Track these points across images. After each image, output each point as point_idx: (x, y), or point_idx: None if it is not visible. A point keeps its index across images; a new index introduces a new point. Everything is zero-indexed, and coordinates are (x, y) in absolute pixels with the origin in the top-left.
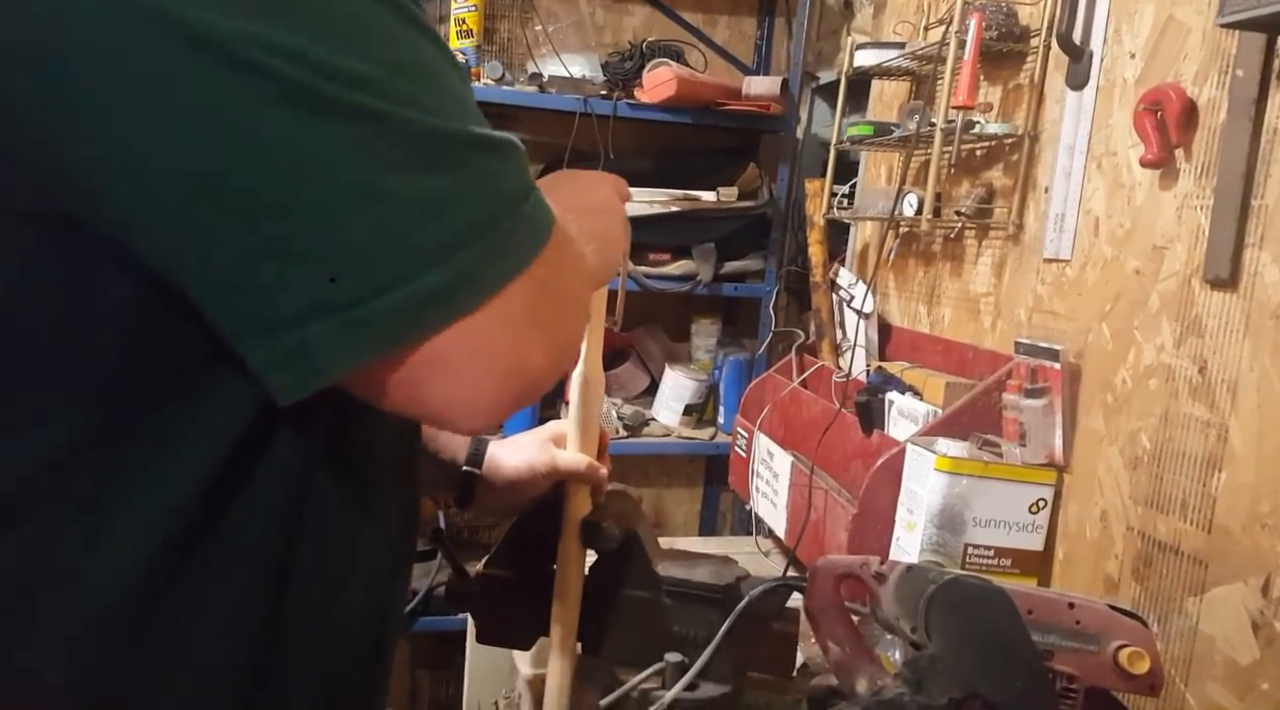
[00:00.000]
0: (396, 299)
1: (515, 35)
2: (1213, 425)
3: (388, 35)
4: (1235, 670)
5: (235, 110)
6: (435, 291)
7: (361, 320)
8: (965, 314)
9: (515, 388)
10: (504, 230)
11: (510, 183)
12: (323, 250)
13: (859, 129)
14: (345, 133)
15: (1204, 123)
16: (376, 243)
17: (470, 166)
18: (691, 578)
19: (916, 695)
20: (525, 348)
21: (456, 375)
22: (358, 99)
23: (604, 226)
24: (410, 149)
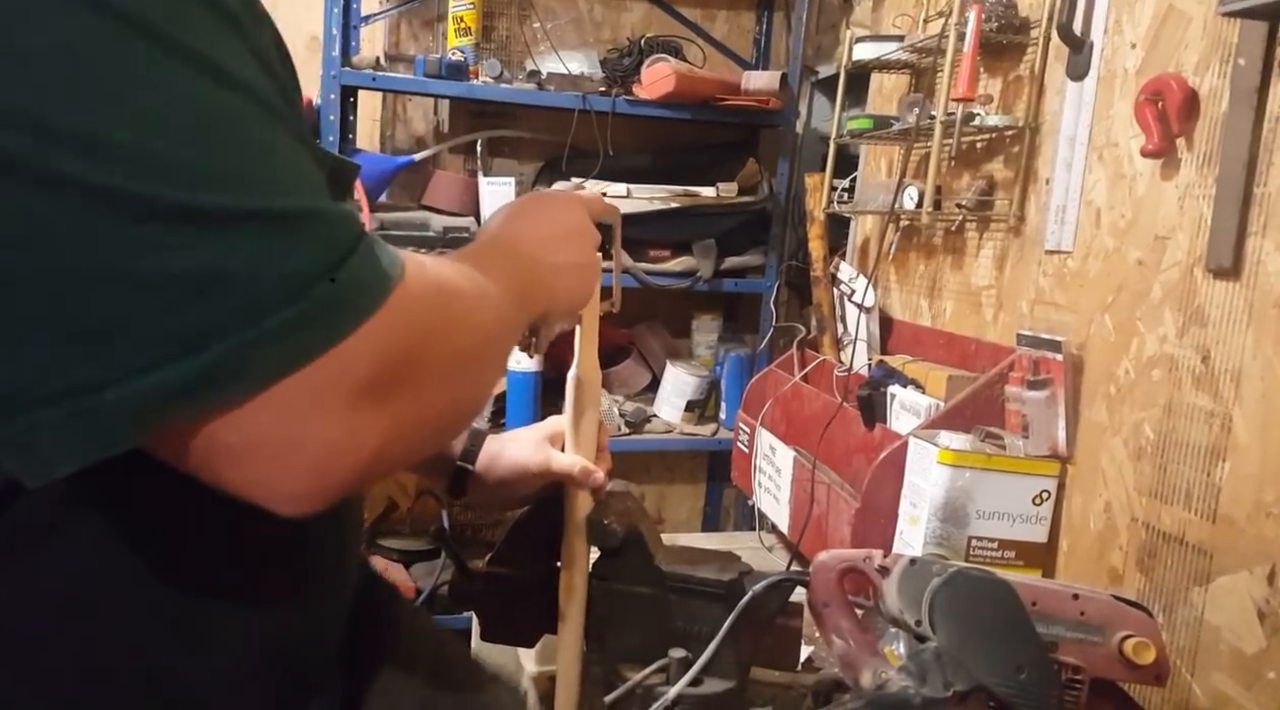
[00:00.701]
0: (137, 389)
1: (513, 33)
2: (1216, 415)
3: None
4: (1241, 660)
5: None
6: (185, 382)
7: (87, 411)
8: (967, 307)
9: (340, 473)
10: (280, 314)
11: (300, 259)
12: (55, 334)
13: (859, 123)
14: (84, 212)
15: (1205, 112)
16: (116, 329)
17: (242, 244)
18: (695, 573)
19: (921, 688)
20: (351, 431)
21: (254, 464)
22: (99, 175)
23: (577, 255)
24: (164, 227)
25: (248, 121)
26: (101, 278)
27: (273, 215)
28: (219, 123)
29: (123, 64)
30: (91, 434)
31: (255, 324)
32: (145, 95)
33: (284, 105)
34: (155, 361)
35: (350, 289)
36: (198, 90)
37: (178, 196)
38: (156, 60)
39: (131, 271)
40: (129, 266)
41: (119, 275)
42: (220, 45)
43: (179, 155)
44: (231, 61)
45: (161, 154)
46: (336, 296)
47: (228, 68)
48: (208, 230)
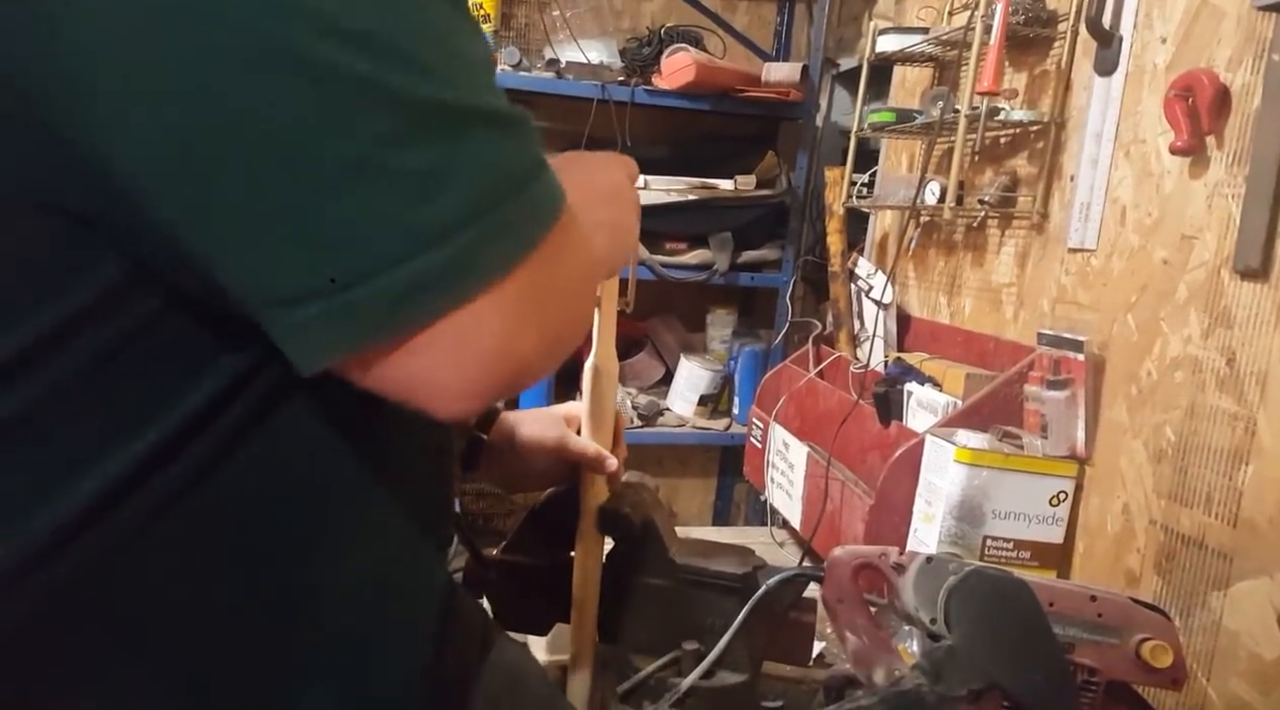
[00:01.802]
0: (386, 284)
1: (533, 20)
2: (1240, 418)
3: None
4: (1260, 665)
5: (213, 69)
6: (427, 276)
7: (349, 306)
8: (987, 304)
9: (502, 374)
10: (506, 212)
11: (516, 161)
12: (310, 230)
13: (880, 116)
14: (337, 101)
15: (1237, 109)
16: (367, 223)
17: (473, 142)
18: (709, 566)
19: (935, 686)
20: (517, 335)
21: (443, 360)
22: (351, 62)
23: (616, 213)
24: (408, 120)
25: (468, 41)
26: (355, 170)
27: (492, 115)
28: (452, 34)
29: None
30: (351, 326)
31: (484, 219)
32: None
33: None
34: (407, 255)
35: (550, 191)
36: (434, 5)
37: (429, 92)
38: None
39: (383, 164)
40: (381, 159)
41: (372, 168)
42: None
43: (426, 54)
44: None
45: (412, 52)
46: (541, 197)
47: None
48: (449, 125)
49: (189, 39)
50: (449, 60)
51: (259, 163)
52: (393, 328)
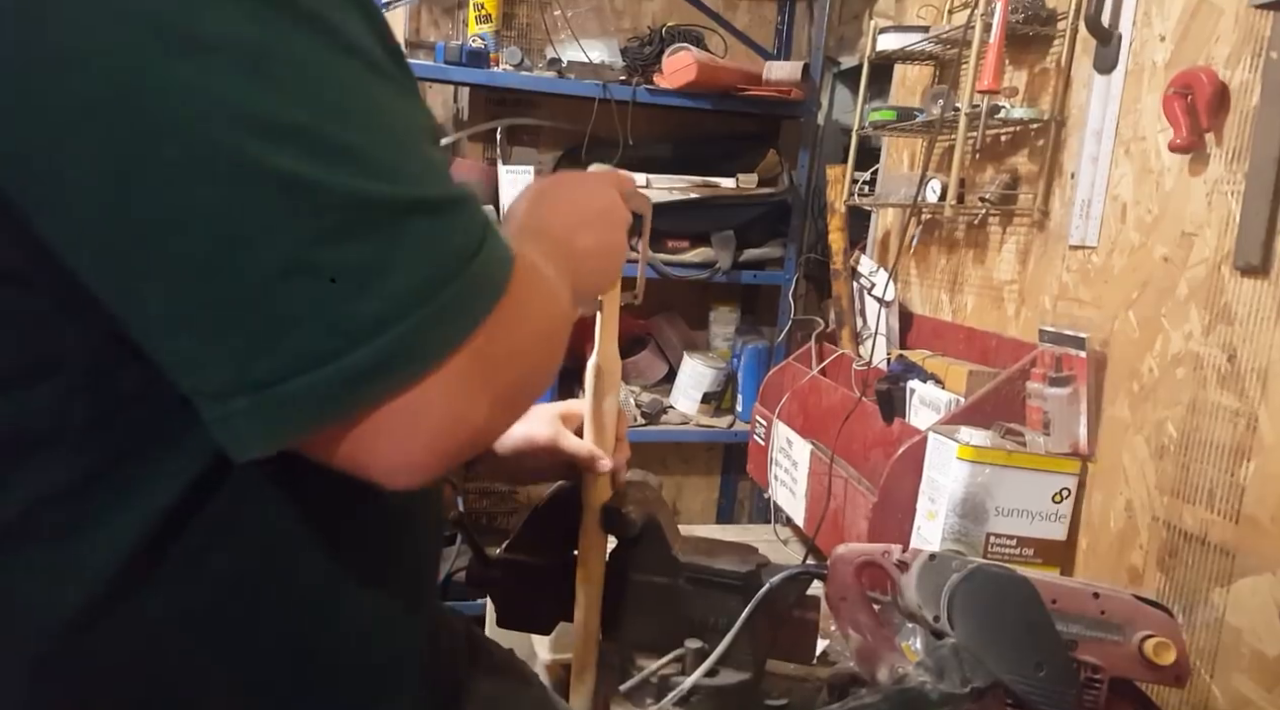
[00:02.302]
0: (312, 381)
1: (534, 20)
2: (1242, 414)
3: (322, 71)
4: (1263, 662)
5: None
6: (360, 371)
7: (275, 402)
8: (988, 302)
9: (454, 446)
10: (445, 296)
11: (455, 243)
12: (239, 328)
13: (881, 114)
14: (269, 202)
15: (1236, 106)
16: (298, 321)
17: (409, 233)
18: (712, 564)
19: (939, 683)
20: (467, 408)
21: (388, 441)
22: (284, 162)
23: (604, 236)
24: (342, 218)
25: (401, 112)
26: (285, 269)
27: (429, 203)
28: (383, 114)
29: (300, 56)
30: (278, 421)
31: (421, 308)
32: (332, 89)
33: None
34: (342, 349)
35: (495, 261)
36: (363, 82)
37: (356, 186)
38: (338, 56)
39: (313, 262)
40: (311, 256)
41: (302, 267)
42: (363, 32)
43: (356, 146)
44: (376, 50)
45: (343, 144)
46: (484, 272)
47: (376, 57)
48: (380, 220)
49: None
50: (386, 148)
51: (190, 261)
52: (323, 419)
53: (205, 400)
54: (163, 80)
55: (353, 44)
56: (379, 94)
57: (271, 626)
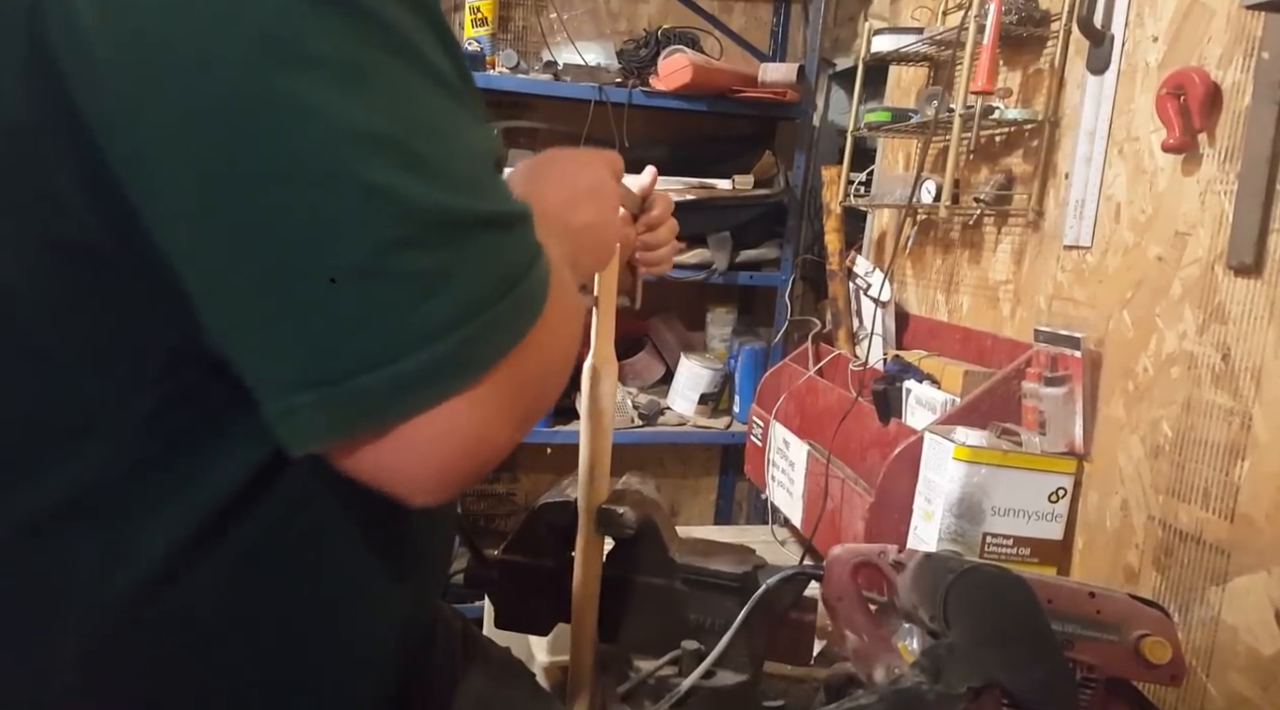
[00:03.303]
0: (378, 379)
1: (530, 23)
2: (1236, 413)
3: (409, 91)
4: (1258, 660)
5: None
6: (421, 373)
7: (338, 398)
8: (984, 302)
9: (475, 466)
10: (497, 311)
11: (512, 260)
12: (314, 324)
13: (876, 115)
14: (356, 207)
15: (1228, 106)
16: (365, 322)
17: (474, 246)
18: (709, 566)
19: (935, 684)
20: (495, 428)
21: (420, 456)
22: (375, 172)
23: (596, 213)
24: (418, 227)
25: (475, 136)
26: (363, 272)
27: (496, 219)
28: (460, 135)
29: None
30: (339, 417)
31: (480, 317)
32: (411, 104)
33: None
34: (399, 353)
35: (540, 281)
36: (444, 106)
37: (436, 198)
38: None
39: (389, 267)
40: (388, 262)
41: (378, 271)
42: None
43: (437, 161)
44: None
45: (436, 159)
46: (531, 292)
47: (455, 85)
48: (452, 230)
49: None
50: (458, 164)
51: (275, 259)
52: (376, 421)
53: (270, 393)
54: (269, 90)
55: (437, 71)
56: (457, 117)
57: (299, 619)
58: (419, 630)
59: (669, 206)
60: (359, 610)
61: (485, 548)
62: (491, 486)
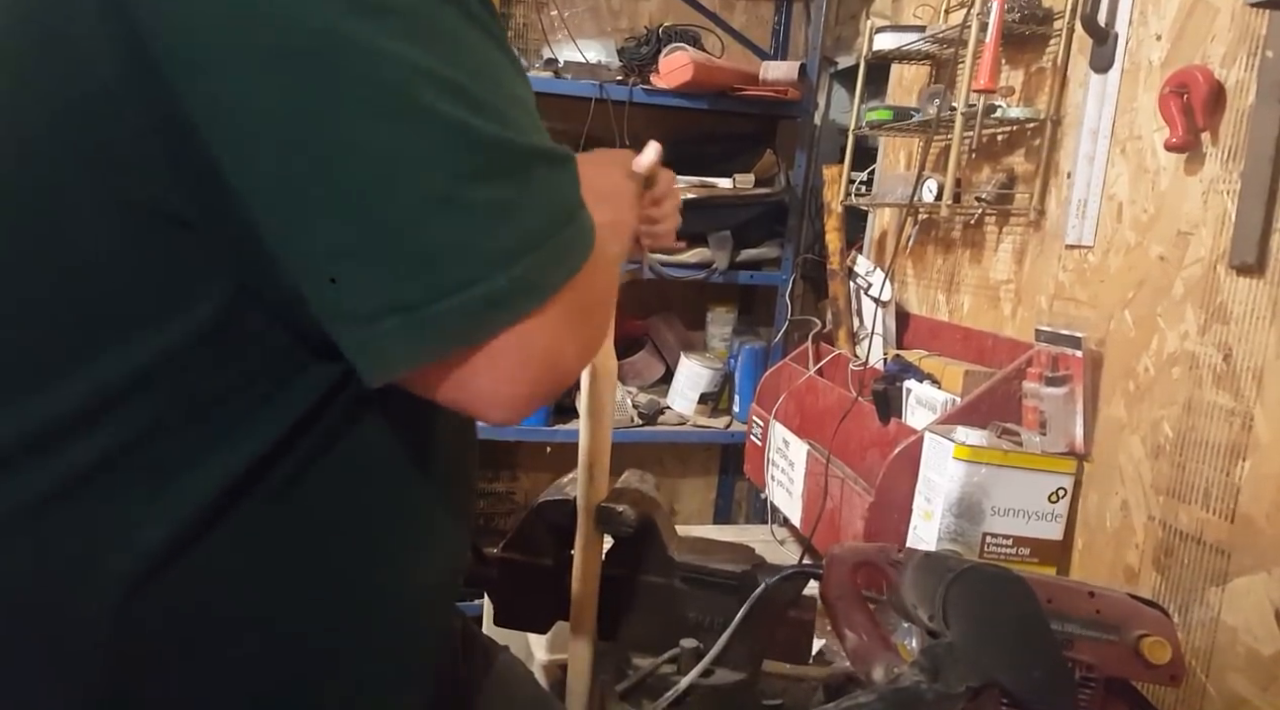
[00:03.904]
0: (460, 302)
1: (530, 20)
2: (1237, 413)
3: (465, 40)
4: (1258, 661)
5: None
6: (497, 296)
7: (423, 322)
8: (985, 301)
9: (549, 384)
10: (561, 238)
11: (568, 194)
12: (397, 251)
13: (878, 114)
14: (432, 140)
15: (1232, 105)
16: (447, 247)
17: (536, 178)
18: (708, 564)
19: (934, 683)
20: (563, 348)
21: (502, 373)
22: (446, 107)
23: (615, 214)
24: (486, 159)
25: (518, 84)
26: (440, 200)
27: (549, 155)
28: (508, 81)
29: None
30: (425, 339)
31: (544, 245)
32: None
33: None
34: (480, 277)
35: (590, 220)
36: (493, 55)
37: (500, 133)
38: (471, 29)
39: (464, 196)
40: (462, 192)
41: (453, 199)
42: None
43: (497, 100)
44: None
45: (494, 102)
46: (585, 226)
47: (502, 40)
48: (516, 164)
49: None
50: (514, 108)
51: (356, 188)
52: (460, 342)
53: (353, 323)
54: (347, 32)
55: (487, 27)
56: (506, 69)
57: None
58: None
59: (672, 181)
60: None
61: (485, 546)
62: (491, 485)
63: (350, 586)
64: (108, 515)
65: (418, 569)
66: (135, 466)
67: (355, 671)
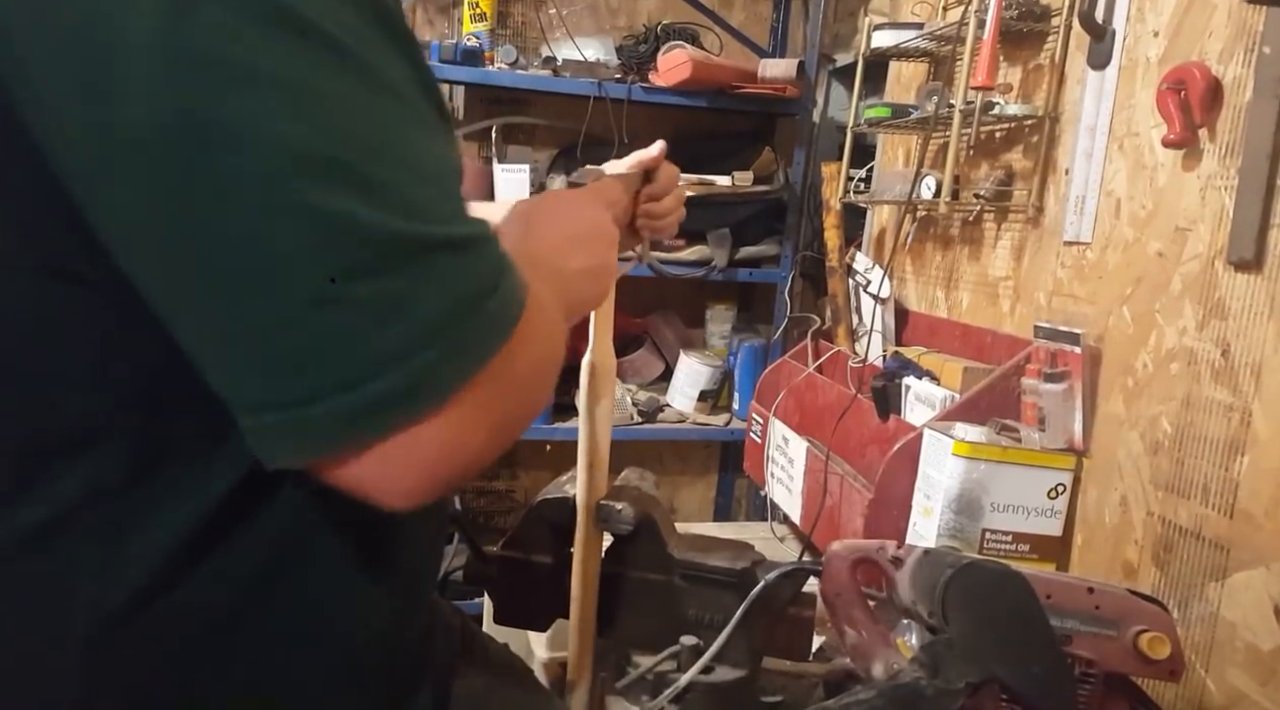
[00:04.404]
0: (337, 405)
1: (529, 19)
2: (1235, 409)
3: (362, 112)
4: (1257, 656)
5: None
6: (383, 397)
7: (302, 422)
8: (984, 298)
9: (450, 474)
10: (462, 332)
11: (475, 281)
12: (272, 350)
13: (876, 111)
14: (310, 237)
15: (1229, 101)
16: (326, 348)
17: (434, 270)
18: (707, 561)
19: (933, 679)
20: (466, 440)
21: (392, 468)
22: (329, 199)
23: (593, 257)
24: (374, 253)
25: (434, 153)
26: (317, 300)
27: (454, 241)
28: (417, 155)
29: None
30: (304, 438)
31: (441, 341)
32: (367, 123)
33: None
34: (361, 378)
35: (510, 297)
36: (400, 122)
37: (389, 223)
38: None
39: (344, 295)
40: (342, 290)
41: (333, 298)
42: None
43: (390, 183)
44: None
45: (379, 181)
46: (499, 310)
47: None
48: (408, 256)
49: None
50: (413, 188)
51: (228, 286)
52: (343, 442)
53: (241, 412)
54: (210, 113)
55: (392, 87)
56: (414, 135)
57: (289, 624)
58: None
59: (674, 177)
60: (350, 609)
61: (485, 545)
62: (491, 483)
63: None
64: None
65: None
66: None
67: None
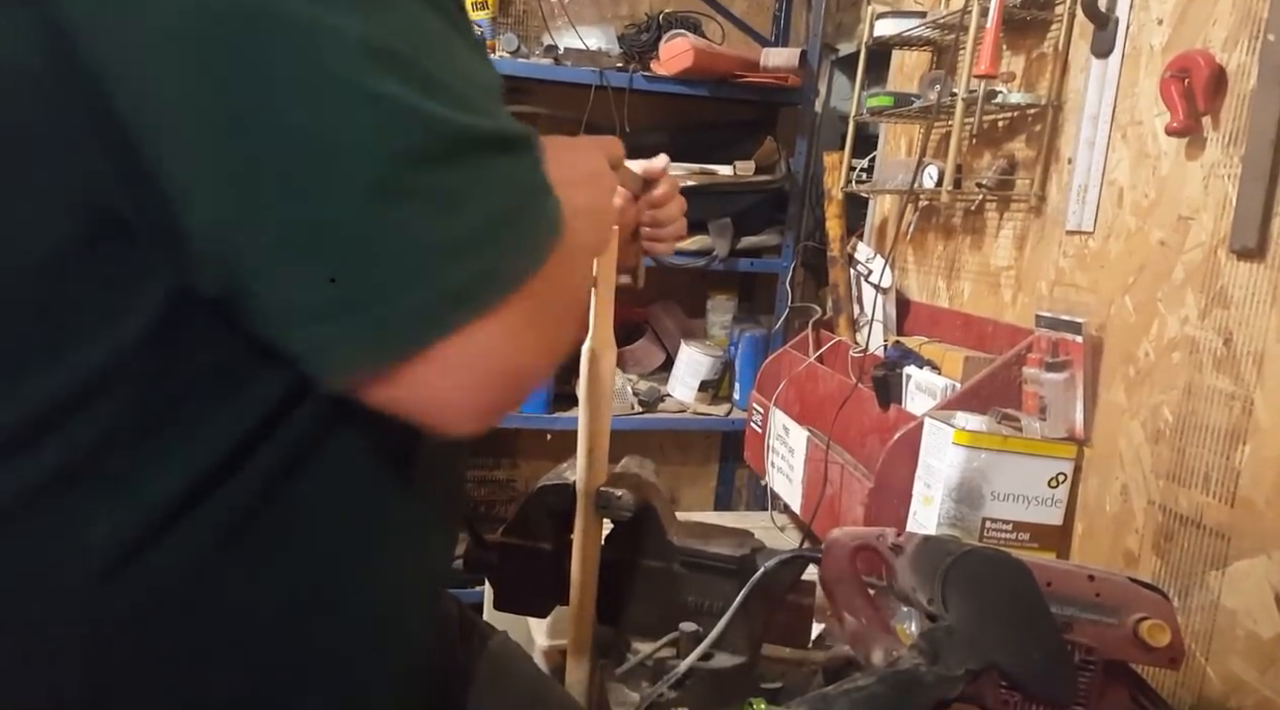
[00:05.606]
0: (405, 301)
1: (531, 7)
2: (1237, 398)
3: (419, 18)
4: (1257, 644)
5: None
6: (453, 291)
7: (371, 321)
8: (985, 288)
9: (508, 392)
10: (519, 231)
11: (528, 183)
12: (340, 243)
13: (879, 100)
14: (373, 120)
15: (1233, 89)
16: (392, 239)
17: (491, 165)
18: (707, 548)
19: (933, 666)
20: (523, 352)
21: (455, 380)
22: (391, 87)
23: (593, 198)
24: (434, 143)
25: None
26: (382, 188)
27: (507, 140)
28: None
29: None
30: (374, 342)
31: (503, 237)
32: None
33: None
34: (427, 271)
35: (556, 209)
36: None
37: (448, 115)
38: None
39: (409, 183)
40: (407, 178)
41: (397, 187)
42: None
43: (447, 82)
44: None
45: (437, 78)
46: (549, 216)
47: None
48: (467, 149)
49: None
50: (468, 87)
51: (292, 178)
52: (406, 344)
53: (298, 327)
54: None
55: (439, 4)
56: (458, 47)
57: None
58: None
59: (675, 186)
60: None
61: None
62: (491, 472)
63: (328, 589)
64: (68, 526)
65: (400, 568)
66: (93, 476)
67: (337, 674)
